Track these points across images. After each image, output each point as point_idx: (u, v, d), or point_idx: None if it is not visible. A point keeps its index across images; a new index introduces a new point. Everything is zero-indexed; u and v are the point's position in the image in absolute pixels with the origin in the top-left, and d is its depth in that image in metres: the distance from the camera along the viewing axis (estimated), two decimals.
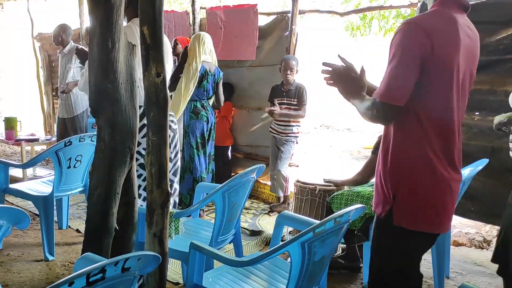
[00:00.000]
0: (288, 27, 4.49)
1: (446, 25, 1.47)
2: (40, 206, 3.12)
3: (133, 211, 2.03)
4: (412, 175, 1.50)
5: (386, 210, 1.54)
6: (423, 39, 1.41)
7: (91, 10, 1.79)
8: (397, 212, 1.52)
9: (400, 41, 1.44)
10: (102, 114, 1.88)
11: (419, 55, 1.41)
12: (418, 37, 1.41)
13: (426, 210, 1.52)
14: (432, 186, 1.51)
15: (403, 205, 1.51)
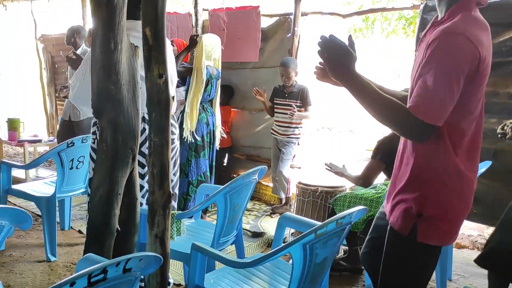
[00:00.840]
0: (290, 29, 4.49)
1: (484, 33, 1.36)
2: (42, 207, 3.12)
3: (135, 212, 2.02)
4: (441, 193, 1.41)
5: (409, 227, 1.44)
6: (473, 52, 1.29)
7: (93, 11, 1.79)
8: (423, 229, 1.43)
9: (447, 53, 1.29)
10: (104, 115, 1.88)
11: (466, 70, 1.29)
12: (468, 50, 1.28)
13: (454, 224, 1.47)
14: (458, 200, 1.44)
15: (430, 223, 1.43)
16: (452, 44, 1.29)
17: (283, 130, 4.29)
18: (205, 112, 4.15)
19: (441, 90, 1.29)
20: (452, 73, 1.28)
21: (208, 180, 4.18)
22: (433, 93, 1.29)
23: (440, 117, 1.30)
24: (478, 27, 1.36)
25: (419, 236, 1.43)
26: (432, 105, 1.29)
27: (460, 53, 1.29)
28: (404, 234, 1.46)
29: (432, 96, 1.29)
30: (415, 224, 1.43)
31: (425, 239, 1.43)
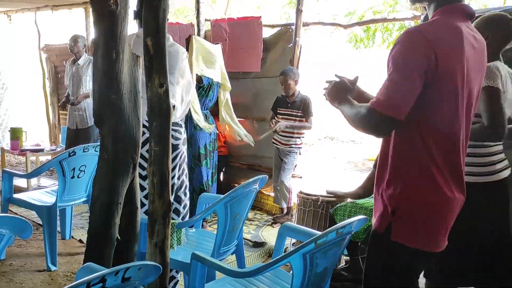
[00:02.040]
0: (292, 39, 4.52)
1: (450, 35, 1.39)
2: (43, 216, 3.13)
3: (135, 221, 2.03)
4: (413, 192, 1.43)
5: (384, 225, 1.47)
6: (427, 50, 1.33)
7: (96, 21, 1.81)
8: (396, 228, 1.45)
9: (402, 51, 1.36)
10: (105, 123, 1.89)
11: (422, 66, 1.33)
12: (421, 47, 1.33)
13: (426, 228, 1.46)
14: (434, 205, 1.44)
15: (402, 221, 1.44)
16: (406, 42, 1.36)
17: (285, 140, 4.30)
18: (207, 121, 4.18)
19: (399, 85, 1.35)
20: (405, 68, 1.34)
21: (209, 188, 4.19)
22: (391, 88, 1.36)
23: (398, 110, 1.34)
24: (444, 29, 1.40)
25: (393, 235, 1.45)
26: (391, 100, 1.34)
27: (412, 49, 1.35)
28: (380, 233, 1.49)
29: (391, 92, 1.35)
30: (390, 222, 1.45)
31: (398, 238, 1.45)
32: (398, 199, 1.44)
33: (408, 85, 1.34)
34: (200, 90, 4.17)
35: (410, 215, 1.44)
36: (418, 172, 1.43)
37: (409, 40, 1.36)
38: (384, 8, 9.69)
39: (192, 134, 4.13)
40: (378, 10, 9.57)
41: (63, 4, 6.67)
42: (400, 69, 1.35)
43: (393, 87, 1.36)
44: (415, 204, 1.44)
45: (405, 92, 1.34)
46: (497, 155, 2.22)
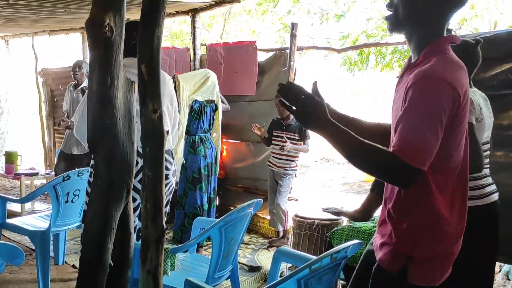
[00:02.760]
0: (286, 63, 4.58)
1: (462, 72, 1.34)
2: (36, 241, 3.09)
3: (129, 247, 2.00)
4: (430, 236, 1.38)
5: (398, 267, 1.40)
6: (451, 94, 1.27)
7: (90, 47, 1.83)
8: (413, 271, 1.39)
9: (427, 97, 1.27)
10: (99, 149, 1.89)
11: (447, 112, 1.27)
12: (447, 93, 1.26)
13: (443, 267, 1.43)
14: (445, 244, 1.40)
15: (420, 265, 1.39)
16: (432, 88, 1.28)
17: (280, 163, 4.30)
18: (203, 145, 4.18)
19: (425, 133, 1.26)
20: (435, 116, 1.27)
21: (204, 213, 4.15)
22: (418, 136, 1.27)
23: (426, 160, 1.27)
24: (455, 68, 1.35)
25: (410, 278, 1.39)
26: (417, 148, 1.26)
27: (440, 96, 1.27)
28: (393, 275, 1.42)
29: (417, 139, 1.26)
30: (405, 265, 1.39)
31: (416, 281, 1.39)
32: (415, 245, 1.38)
33: (435, 134, 1.26)
34: (193, 113, 4.19)
35: (428, 259, 1.39)
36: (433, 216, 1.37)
37: (434, 87, 1.28)
38: (377, 32, 9.86)
39: (186, 158, 4.13)
40: (372, 33, 9.73)
41: (60, 29, 6.75)
42: (426, 117, 1.27)
43: (419, 136, 1.27)
44: (432, 249, 1.38)
45: (432, 142, 1.26)
46: (483, 179, 2.24)
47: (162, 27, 1.61)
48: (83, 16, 5.43)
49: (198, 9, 5.24)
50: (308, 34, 12.29)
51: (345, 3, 11.69)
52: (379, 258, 1.48)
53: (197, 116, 4.19)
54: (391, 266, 1.42)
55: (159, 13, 1.57)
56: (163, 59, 5.55)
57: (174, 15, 5.60)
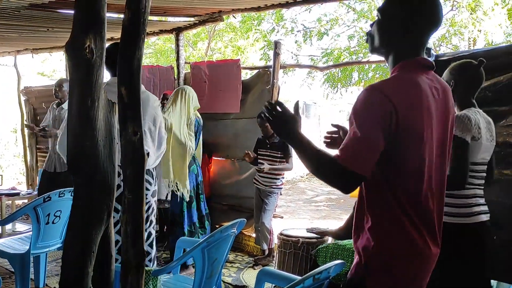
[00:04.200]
0: (270, 81, 4.61)
1: (408, 89, 1.40)
2: (16, 265, 3.02)
3: (109, 270, 1.97)
4: (386, 246, 1.41)
5: (359, 276, 1.44)
6: (387, 106, 1.33)
7: (70, 68, 1.82)
8: (370, 283, 1.42)
9: (363, 108, 1.37)
10: (80, 171, 1.86)
11: (385, 123, 1.34)
12: (382, 104, 1.34)
13: (400, 282, 1.43)
14: (408, 259, 1.42)
15: (376, 277, 1.41)
16: (367, 99, 1.37)
17: (266, 181, 4.30)
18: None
19: (361, 141, 1.34)
20: (368, 124, 1.35)
21: (197, 230, 4.16)
22: (355, 144, 1.35)
23: (363, 165, 1.34)
24: (406, 86, 1.40)
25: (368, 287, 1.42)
26: (356, 155, 1.34)
27: (373, 106, 1.36)
28: (355, 283, 1.46)
29: (356, 147, 1.34)
30: (363, 275, 1.43)
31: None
32: (371, 253, 1.41)
33: (372, 141, 1.34)
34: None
35: (384, 269, 1.41)
36: (391, 226, 1.40)
37: (370, 98, 1.37)
38: (359, 49, 10.03)
39: None
40: (354, 50, 9.89)
41: (43, 48, 6.72)
42: (362, 126, 1.35)
43: (357, 143, 1.35)
44: (388, 259, 1.41)
45: (368, 148, 1.34)
46: (472, 198, 2.25)
47: (142, 50, 1.62)
48: (65, 35, 5.43)
49: (182, 28, 5.28)
50: (292, 51, 12.45)
51: (328, 21, 11.88)
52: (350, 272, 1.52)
53: (196, 137, 4.18)
54: (353, 275, 1.47)
55: (138, 36, 1.57)
56: (147, 77, 5.55)
57: (158, 33, 5.62)
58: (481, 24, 9.87)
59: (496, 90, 3.19)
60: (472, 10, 10.08)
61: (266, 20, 12.96)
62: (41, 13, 4.25)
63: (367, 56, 10.52)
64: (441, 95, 1.48)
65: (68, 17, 4.34)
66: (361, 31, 11.62)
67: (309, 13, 12.13)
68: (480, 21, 9.87)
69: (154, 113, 2.79)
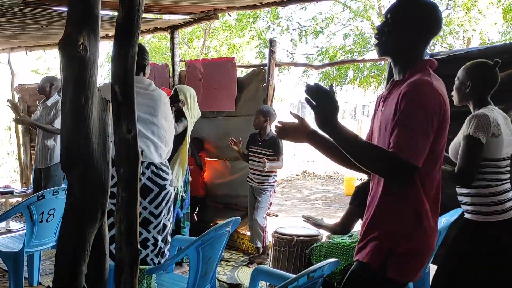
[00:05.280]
0: (265, 79, 4.61)
1: (442, 86, 1.52)
2: (9, 263, 3.01)
3: (103, 269, 1.96)
4: (411, 230, 1.51)
5: (379, 262, 1.51)
6: (440, 100, 1.44)
7: (64, 66, 1.80)
8: (394, 266, 1.49)
9: (420, 101, 1.43)
10: (73, 169, 1.85)
11: (437, 115, 1.43)
12: (436, 97, 1.44)
13: (420, 263, 1.55)
14: (427, 240, 1.54)
15: (401, 260, 1.50)
16: (424, 93, 1.44)
17: (258, 178, 4.30)
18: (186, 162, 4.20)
19: (419, 133, 1.41)
20: (427, 117, 1.42)
21: (180, 229, 4.14)
22: (413, 135, 1.40)
23: (421, 157, 1.41)
24: (439, 81, 1.53)
25: (390, 272, 1.49)
26: (413, 146, 1.39)
27: (431, 99, 1.44)
28: (374, 268, 1.51)
29: (413, 138, 1.40)
30: (385, 260, 1.50)
31: (395, 276, 1.49)
32: (397, 239, 1.50)
33: (427, 134, 1.42)
34: None
35: (408, 253, 1.50)
36: (418, 212, 1.50)
37: (426, 91, 1.44)
38: (354, 48, 10.03)
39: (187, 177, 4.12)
40: (349, 49, 9.90)
41: (37, 45, 6.68)
42: (419, 119, 1.41)
43: (415, 137, 1.40)
44: (413, 242, 1.50)
45: (426, 141, 1.42)
46: (503, 194, 2.25)
47: (136, 47, 1.61)
48: (59, 33, 5.40)
49: (177, 25, 5.25)
50: (288, 49, 12.45)
51: (323, 19, 11.89)
52: (360, 256, 1.58)
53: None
54: (372, 259, 1.52)
55: (132, 34, 1.56)
56: None
57: (153, 31, 5.60)
58: (476, 23, 9.91)
59: None
60: (467, 9, 10.11)
61: (261, 18, 12.94)
62: (34, 10, 4.22)
63: (362, 55, 10.55)
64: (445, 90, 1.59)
65: (62, 14, 4.31)
66: (357, 30, 11.64)
67: (304, 11, 12.15)
68: (475, 20, 9.91)
69: (166, 109, 2.89)
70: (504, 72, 3.21)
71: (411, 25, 1.55)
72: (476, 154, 2.17)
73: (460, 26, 10.06)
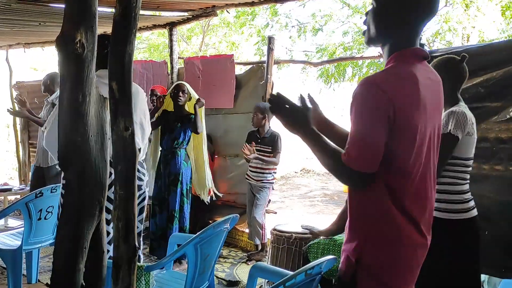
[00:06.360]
0: (264, 76, 4.60)
1: (405, 83, 1.37)
2: (7, 260, 3.01)
3: (101, 266, 1.96)
4: (379, 240, 1.39)
5: (349, 273, 1.41)
6: (385, 102, 1.31)
7: (61, 63, 1.80)
8: (362, 278, 1.39)
9: (362, 104, 1.35)
10: (70, 167, 1.85)
11: (384, 118, 1.32)
12: (380, 100, 1.31)
13: (394, 278, 1.41)
14: (402, 253, 1.40)
15: (368, 272, 1.39)
16: (364, 94, 1.34)
17: (257, 176, 4.30)
18: (189, 158, 4.23)
19: (363, 138, 1.33)
20: (370, 120, 1.33)
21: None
22: (359, 142, 1.33)
23: (370, 163, 1.33)
24: (402, 80, 1.38)
25: (360, 285, 1.39)
26: (361, 153, 1.32)
27: (371, 101, 1.33)
28: (345, 280, 1.42)
29: (359, 145, 1.33)
30: (355, 271, 1.39)
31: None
32: (362, 249, 1.39)
33: (376, 138, 1.33)
34: None
35: (376, 266, 1.38)
36: (382, 219, 1.38)
37: (366, 93, 1.34)
38: (353, 45, 10.02)
39: (181, 172, 4.07)
40: (348, 46, 9.88)
41: (35, 42, 6.66)
42: (362, 123, 1.34)
43: (358, 142, 1.33)
44: (379, 251, 1.39)
45: (374, 145, 1.33)
46: (467, 193, 2.28)
47: (134, 44, 1.60)
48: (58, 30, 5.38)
49: (175, 22, 5.24)
50: (286, 47, 12.43)
51: (322, 16, 11.87)
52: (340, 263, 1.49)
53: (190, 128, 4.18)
54: (344, 272, 1.43)
55: (129, 31, 1.56)
56: (140, 72, 5.52)
57: (151, 28, 5.59)
58: (475, 20, 9.90)
59: (489, 86, 3.21)
60: (466, 6, 10.10)
61: (260, 15, 12.91)
62: (32, 7, 4.20)
63: (361, 52, 10.54)
64: (435, 86, 1.48)
65: (59, 11, 4.29)
66: (356, 27, 11.62)
67: (303, 8, 12.10)
68: (474, 18, 9.90)
69: (144, 106, 2.82)
70: (502, 70, 3.21)
71: (394, 11, 1.42)
72: (451, 152, 2.17)
73: (459, 23, 10.05)
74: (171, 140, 4.08)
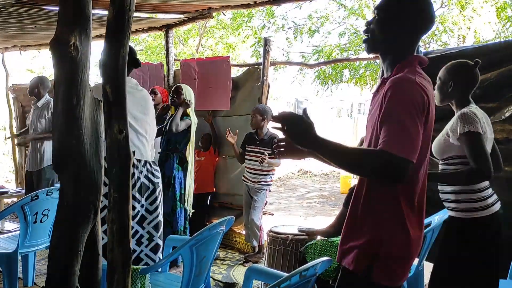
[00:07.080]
0: (260, 78, 4.61)
1: (429, 87, 1.47)
2: (3, 264, 3.00)
3: (97, 269, 1.96)
4: (393, 234, 1.46)
5: (363, 267, 1.47)
6: (423, 96, 1.40)
7: (56, 66, 1.80)
8: (378, 270, 1.46)
9: (403, 95, 1.39)
10: (65, 170, 1.85)
11: (422, 112, 1.39)
12: (419, 93, 1.39)
13: (404, 267, 1.52)
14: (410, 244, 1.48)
15: (384, 264, 1.46)
16: (406, 88, 1.40)
17: (255, 178, 4.30)
18: (186, 161, 4.22)
19: (408, 128, 1.35)
20: (411, 112, 1.37)
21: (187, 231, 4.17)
22: (402, 130, 1.35)
23: (413, 151, 1.35)
24: (423, 78, 1.48)
25: (375, 276, 1.46)
26: (403, 141, 1.34)
27: (414, 95, 1.39)
28: (360, 274, 1.48)
29: (401, 133, 1.35)
30: (370, 264, 1.46)
31: (380, 279, 1.46)
32: (380, 242, 1.45)
33: (416, 128, 1.36)
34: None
35: (391, 257, 1.46)
36: (398, 215, 1.45)
37: (410, 89, 1.40)
38: (350, 46, 10.04)
39: (175, 175, 4.08)
40: (345, 47, 9.90)
41: (31, 45, 6.65)
42: (405, 114, 1.36)
43: (403, 130, 1.35)
44: (395, 246, 1.46)
45: (415, 135, 1.36)
46: (485, 191, 2.28)
47: (127, 48, 1.61)
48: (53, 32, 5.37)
49: (171, 24, 5.24)
50: (283, 48, 12.45)
51: (318, 18, 11.89)
52: (346, 261, 1.54)
53: (186, 132, 4.17)
54: (357, 265, 1.49)
55: (123, 34, 1.56)
56: (137, 74, 5.51)
57: (148, 30, 5.59)
58: (470, 21, 9.94)
59: (484, 87, 3.22)
60: (461, 8, 10.14)
61: (257, 17, 12.93)
62: (28, 10, 4.20)
63: (357, 53, 10.56)
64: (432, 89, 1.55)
65: (55, 14, 4.27)
66: (352, 28, 11.64)
67: (299, 10, 12.15)
68: (469, 19, 9.94)
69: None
70: (497, 71, 3.23)
71: (399, 22, 1.50)
72: (484, 145, 2.19)
73: (454, 24, 10.08)
74: (165, 143, 4.09)
